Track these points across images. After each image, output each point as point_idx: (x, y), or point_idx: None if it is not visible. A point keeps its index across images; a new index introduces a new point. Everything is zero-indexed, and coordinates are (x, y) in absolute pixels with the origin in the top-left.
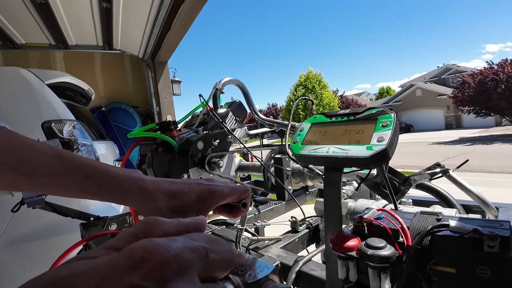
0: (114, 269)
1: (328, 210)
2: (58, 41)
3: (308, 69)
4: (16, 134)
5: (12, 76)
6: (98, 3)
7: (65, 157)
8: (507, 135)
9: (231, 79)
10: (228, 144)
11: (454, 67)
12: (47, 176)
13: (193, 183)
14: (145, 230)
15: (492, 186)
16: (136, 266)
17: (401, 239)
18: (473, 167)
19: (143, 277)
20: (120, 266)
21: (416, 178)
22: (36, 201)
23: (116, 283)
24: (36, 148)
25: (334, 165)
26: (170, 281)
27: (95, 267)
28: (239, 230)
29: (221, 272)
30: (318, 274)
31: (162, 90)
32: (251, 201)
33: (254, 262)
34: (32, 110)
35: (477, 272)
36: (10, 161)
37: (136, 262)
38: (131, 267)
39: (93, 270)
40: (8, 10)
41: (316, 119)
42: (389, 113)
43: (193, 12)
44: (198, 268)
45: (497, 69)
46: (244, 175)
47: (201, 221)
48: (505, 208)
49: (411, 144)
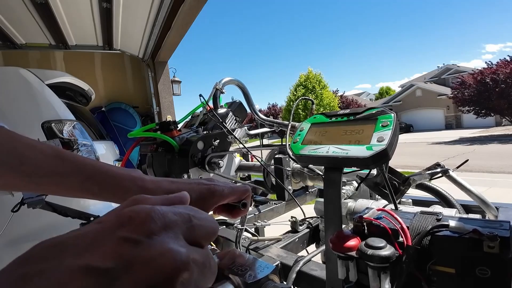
0: (105, 228)
1: (328, 210)
2: (58, 41)
3: (308, 69)
4: (16, 134)
5: (12, 76)
6: (98, 3)
7: (65, 157)
8: (507, 135)
9: (231, 79)
10: (228, 144)
11: (454, 67)
12: (48, 176)
13: (193, 183)
14: (132, 205)
15: (492, 186)
16: (125, 223)
17: (401, 239)
18: (473, 167)
19: (132, 231)
20: (111, 225)
21: (416, 178)
22: (36, 201)
23: (108, 238)
24: (37, 148)
25: (334, 165)
26: (156, 235)
27: (89, 230)
28: (239, 230)
29: (205, 239)
30: (318, 274)
31: (162, 90)
32: (251, 201)
33: (254, 262)
34: (32, 110)
35: (476, 272)
36: (10, 161)
37: (125, 220)
38: (121, 224)
39: (88, 232)
40: (8, 10)
41: (316, 119)
42: (389, 113)
43: (193, 12)
44: (182, 229)
45: (496, 68)
46: (244, 175)
47: (185, 195)
48: (505, 208)
49: (411, 144)
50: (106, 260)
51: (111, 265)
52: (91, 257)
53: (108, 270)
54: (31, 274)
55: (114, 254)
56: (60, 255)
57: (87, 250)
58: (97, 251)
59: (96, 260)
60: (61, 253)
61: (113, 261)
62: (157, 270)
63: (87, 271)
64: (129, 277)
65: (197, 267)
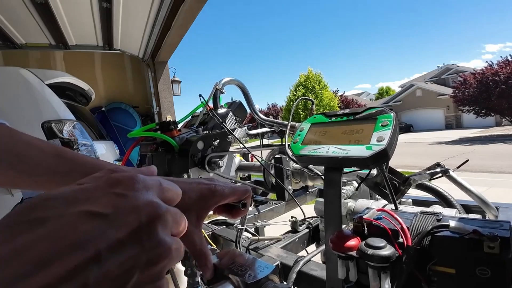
0: (98, 187)
1: (328, 210)
2: (58, 41)
3: (308, 69)
4: (16, 131)
5: (12, 76)
6: (98, 3)
7: (65, 155)
8: (507, 135)
9: (231, 79)
10: (228, 144)
11: (454, 67)
12: (47, 175)
13: (193, 182)
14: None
15: (492, 186)
16: (115, 184)
17: (401, 239)
18: (473, 167)
19: (122, 189)
20: (103, 184)
21: (416, 178)
22: None
23: (103, 193)
24: (36, 146)
25: (334, 165)
26: (140, 191)
27: (83, 188)
28: (239, 230)
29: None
30: (318, 274)
31: (162, 90)
32: (251, 201)
33: (254, 262)
34: (32, 110)
35: (477, 272)
36: (10, 159)
37: (114, 182)
38: (111, 184)
39: (83, 188)
40: (8, 10)
41: (316, 119)
42: (388, 113)
43: (193, 12)
44: (157, 191)
45: (497, 68)
46: (244, 175)
47: (153, 169)
48: (505, 208)
49: (411, 144)
50: (105, 208)
51: (109, 211)
52: (92, 205)
53: (107, 214)
54: (43, 218)
55: (110, 203)
56: (65, 204)
57: (87, 200)
58: (96, 202)
59: (97, 207)
60: (65, 202)
61: (110, 209)
62: (143, 215)
63: (91, 215)
64: (122, 219)
65: (171, 216)
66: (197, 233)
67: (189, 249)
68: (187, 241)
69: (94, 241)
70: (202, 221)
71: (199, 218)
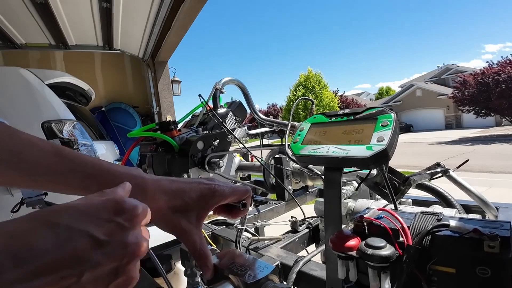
0: (105, 209)
1: (328, 210)
2: (58, 41)
3: (308, 69)
4: (15, 130)
5: (12, 76)
6: (98, 3)
7: (65, 154)
8: (507, 135)
9: (231, 79)
10: (228, 144)
11: (454, 67)
12: (47, 174)
13: (194, 182)
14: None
15: (492, 186)
16: (120, 212)
17: (401, 239)
18: (473, 167)
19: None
20: (111, 209)
21: (416, 178)
22: (35, 201)
23: (108, 219)
24: (36, 145)
25: (334, 165)
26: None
27: (94, 205)
28: (239, 230)
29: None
30: (318, 274)
31: (162, 90)
32: (251, 201)
33: (254, 262)
34: (32, 110)
35: (477, 272)
36: (9, 158)
37: (120, 211)
38: (118, 211)
39: (94, 206)
40: (8, 10)
41: (316, 119)
42: (388, 113)
43: (193, 12)
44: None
45: (497, 68)
46: (244, 175)
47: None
48: (505, 208)
49: (411, 144)
50: (104, 235)
51: (106, 239)
52: (95, 229)
53: (102, 241)
54: (56, 224)
55: (109, 232)
56: (77, 217)
57: (93, 222)
58: (99, 226)
59: (97, 231)
60: (77, 215)
61: (107, 237)
62: (128, 253)
63: (89, 236)
64: (112, 251)
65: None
66: (197, 233)
67: (189, 249)
68: (187, 241)
69: (84, 261)
70: (202, 221)
71: (199, 218)
